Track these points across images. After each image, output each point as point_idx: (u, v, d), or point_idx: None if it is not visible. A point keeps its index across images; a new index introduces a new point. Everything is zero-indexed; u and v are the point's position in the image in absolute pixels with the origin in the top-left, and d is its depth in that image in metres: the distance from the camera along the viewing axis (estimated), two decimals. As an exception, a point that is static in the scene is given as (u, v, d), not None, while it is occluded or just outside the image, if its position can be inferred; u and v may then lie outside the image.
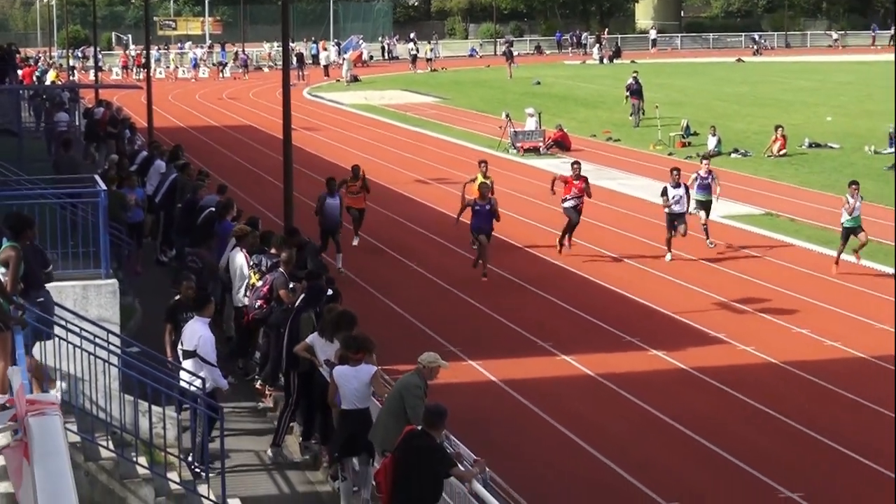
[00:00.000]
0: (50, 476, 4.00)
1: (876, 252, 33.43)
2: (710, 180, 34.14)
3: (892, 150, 50.56)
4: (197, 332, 18.97)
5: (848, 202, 31.05)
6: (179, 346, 19.38)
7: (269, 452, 20.09)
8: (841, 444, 20.12)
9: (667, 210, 32.61)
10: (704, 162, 35.38)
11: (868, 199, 40.82)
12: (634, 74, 65.84)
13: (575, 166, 34.14)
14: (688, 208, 32.84)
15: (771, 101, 73.71)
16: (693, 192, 33.48)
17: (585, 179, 33.38)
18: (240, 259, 23.80)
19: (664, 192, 32.67)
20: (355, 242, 33.40)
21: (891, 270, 29.75)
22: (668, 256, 32.82)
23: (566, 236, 33.70)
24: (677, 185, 32.59)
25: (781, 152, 51.64)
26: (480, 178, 33.62)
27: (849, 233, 31.28)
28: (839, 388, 22.93)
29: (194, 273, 24.03)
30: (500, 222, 31.84)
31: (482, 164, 35.26)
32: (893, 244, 30.12)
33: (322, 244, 30.75)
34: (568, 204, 33.22)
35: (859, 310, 28.01)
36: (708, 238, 33.62)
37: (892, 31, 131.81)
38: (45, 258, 17.67)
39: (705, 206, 34.05)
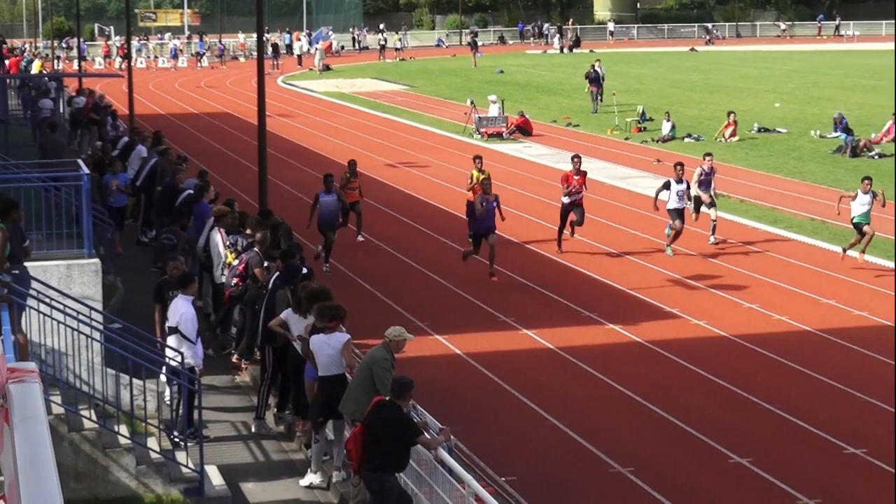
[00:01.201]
0: (29, 439, 4.02)
1: (821, 229, 33.66)
2: (712, 176, 32.39)
3: (837, 134, 50.77)
4: (180, 310, 19.03)
5: (859, 196, 29.17)
6: (167, 323, 19.43)
7: (253, 426, 20.13)
8: (787, 412, 20.21)
9: (668, 207, 30.65)
10: (707, 157, 32.90)
11: (814, 181, 41.16)
12: (595, 63, 65.89)
13: (575, 160, 31.52)
14: (691, 203, 31.69)
15: (722, 88, 73.87)
16: (694, 189, 31.73)
17: (585, 174, 31.31)
18: (217, 238, 23.84)
19: (666, 187, 30.75)
20: (360, 239, 32.42)
21: (827, 247, 29.91)
22: (669, 251, 31.03)
23: (570, 229, 31.32)
24: (680, 181, 30.76)
25: (733, 137, 51.81)
26: (476, 173, 31.91)
27: (860, 228, 29.18)
28: (786, 360, 23.04)
29: (170, 249, 24.17)
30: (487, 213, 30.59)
31: (477, 159, 32.73)
32: (893, 239, 29.45)
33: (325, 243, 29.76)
34: (565, 199, 30.97)
35: (805, 286, 28.14)
36: (713, 239, 32.17)
37: (837, 22, 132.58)
38: (22, 234, 17.70)
39: (710, 202, 32.16)
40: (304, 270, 20.96)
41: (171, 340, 18.95)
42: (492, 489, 15.50)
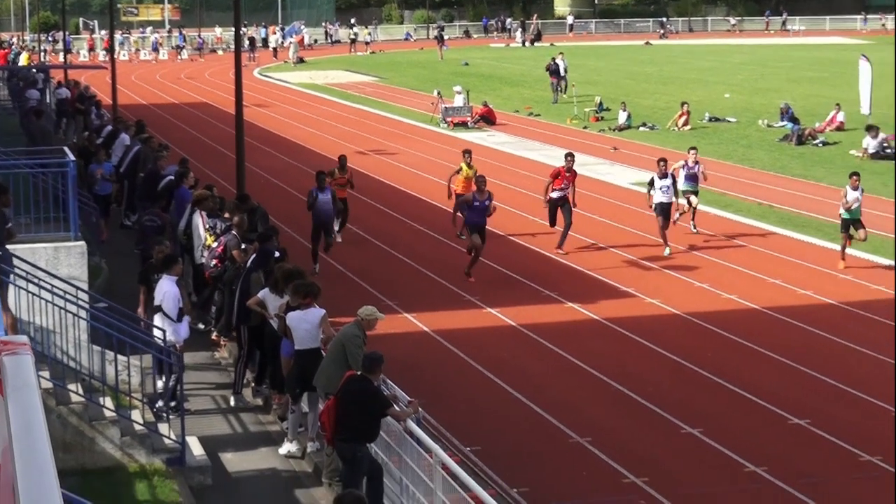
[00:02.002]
0: (22, 408, 4.04)
1: (768, 214, 33.81)
2: (697, 170, 31.02)
3: (784, 123, 50.94)
4: (163, 289, 19.05)
5: (848, 194, 27.84)
6: (154, 303, 19.46)
7: (232, 400, 20.17)
8: (736, 385, 20.33)
9: (652, 202, 29.49)
10: (692, 151, 31.57)
11: (761, 168, 41.31)
12: (558, 56, 65.94)
13: (569, 158, 30.05)
14: (677, 198, 30.22)
15: (675, 79, 73.99)
16: (681, 183, 30.56)
17: (575, 173, 29.77)
18: (199, 221, 23.85)
19: (651, 183, 29.62)
20: (338, 239, 30.18)
21: (773, 229, 29.97)
22: (667, 251, 29.32)
23: (558, 228, 29.77)
24: (664, 176, 29.35)
25: (685, 126, 51.95)
26: (465, 168, 31.03)
27: (848, 224, 27.93)
28: (735, 336, 23.17)
29: (153, 231, 24.22)
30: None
31: (466, 153, 31.81)
32: (894, 237, 28.66)
33: (314, 241, 27.99)
34: (554, 195, 29.41)
35: (753, 266, 28.26)
36: (693, 222, 31.43)
37: (783, 18, 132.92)
38: (4, 217, 17.70)
39: (694, 195, 31.17)
40: (277, 254, 21.00)
41: (157, 319, 18.99)
42: (458, 458, 15.56)
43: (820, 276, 27.53)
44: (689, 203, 31.10)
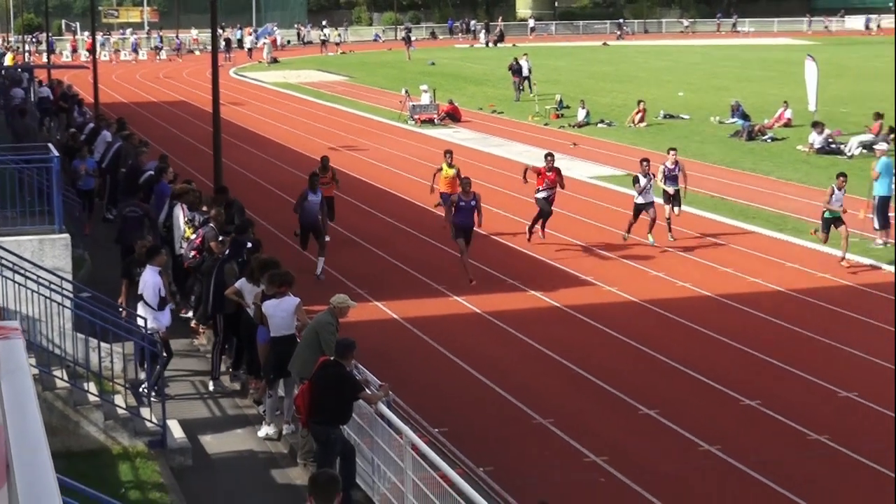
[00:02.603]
0: (15, 389, 4.06)
1: (720, 206, 33.91)
2: (677, 171, 29.85)
3: (734, 120, 51.11)
4: (145, 279, 19.03)
5: (834, 194, 27.11)
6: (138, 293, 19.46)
7: (210, 385, 20.15)
8: (690, 369, 20.41)
9: (636, 200, 28.96)
10: (672, 153, 30.35)
11: (712, 162, 41.43)
12: (523, 56, 65.97)
13: (548, 158, 29.53)
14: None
15: (632, 78, 74.10)
16: (660, 184, 29.73)
17: (558, 171, 29.25)
18: (179, 213, 23.84)
19: (636, 181, 28.94)
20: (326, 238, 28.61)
21: (723, 220, 30.06)
22: (625, 237, 29.42)
23: (536, 225, 29.49)
24: (646, 176, 28.72)
25: (641, 123, 52.07)
26: (446, 168, 30.19)
27: (829, 223, 27.25)
28: (689, 322, 23.26)
29: (134, 221, 24.26)
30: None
31: (447, 154, 30.92)
32: (894, 241, 28.03)
33: (302, 242, 27.46)
34: (540, 195, 28.96)
35: (705, 255, 28.37)
36: (670, 231, 29.82)
37: (734, 20, 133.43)
38: None
39: (675, 197, 29.98)
40: (249, 244, 20.99)
41: (139, 307, 18.99)
42: (426, 439, 15.56)
43: (768, 264, 27.64)
44: (677, 206, 30.02)
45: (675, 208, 30.01)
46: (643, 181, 28.73)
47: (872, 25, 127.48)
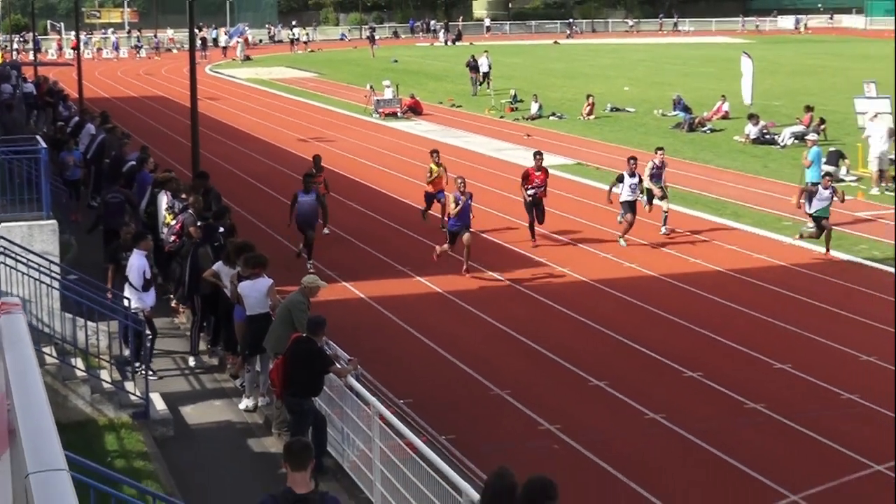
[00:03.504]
0: (17, 359, 4.06)
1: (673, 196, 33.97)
2: (663, 170, 28.84)
3: (676, 112, 51.30)
4: (131, 262, 19.04)
5: (820, 192, 26.28)
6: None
7: (190, 361, 20.11)
8: (636, 343, 20.49)
9: (622, 199, 27.34)
10: (659, 152, 29.25)
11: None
12: (481, 54, 65.87)
13: (537, 157, 28.25)
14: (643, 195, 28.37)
15: (581, 74, 74.25)
16: (646, 182, 28.43)
17: (546, 171, 28.02)
18: (164, 200, 23.81)
19: (620, 180, 27.42)
20: (325, 231, 28.52)
21: (664, 205, 30.12)
22: (622, 242, 27.69)
23: (534, 226, 27.93)
24: (633, 174, 27.30)
25: (591, 115, 52.16)
26: (434, 168, 28.73)
27: (819, 221, 26.49)
28: (635, 300, 23.33)
29: (116, 206, 24.17)
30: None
31: (434, 153, 29.25)
32: (894, 242, 26.85)
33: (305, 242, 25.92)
34: (529, 193, 27.66)
35: (649, 238, 28.44)
36: (664, 229, 28.99)
37: (675, 20, 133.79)
38: None
39: (663, 198, 28.80)
40: (221, 229, 20.97)
41: (126, 289, 18.98)
42: (393, 409, 15.58)
43: (708, 246, 27.79)
44: (650, 203, 28.88)
45: (665, 203, 28.78)
46: (628, 180, 27.27)
47: (801, 26, 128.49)
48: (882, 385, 18.26)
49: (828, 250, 26.67)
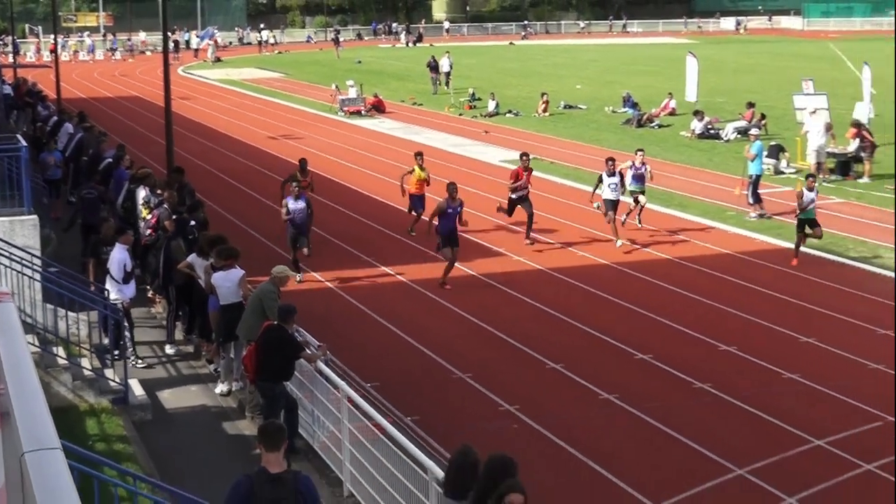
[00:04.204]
0: (9, 346, 4.06)
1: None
2: (643, 170, 27.67)
3: (626, 109, 51.47)
4: (113, 256, 19.01)
5: (804, 195, 24.82)
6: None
7: (167, 348, 20.06)
8: (590, 327, 20.58)
9: (603, 198, 26.52)
10: (639, 153, 28.17)
11: (608, 147, 41.65)
12: (443, 55, 65.87)
13: (524, 158, 27.51)
14: (624, 193, 27.36)
15: (535, 73, 74.37)
16: (628, 183, 27.56)
17: (531, 171, 27.45)
18: (142, 194, 23.73)
19: (599, 180, 26.77)
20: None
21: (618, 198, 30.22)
22: (619, 243, 26.59)
23: (531, 228, 27.19)
24: (612, 174, 26.44)
25: (545, 112, 52.26)
26: (417, 171, 27.84)
27: (804, 224, 24.98)
28: (589, 287, 23.42)
29: (91, 201, 24.08)
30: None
31: (418, 156, 28.39)
32: (894, 248, 25.68)
33: (293, 249, 23.86)
34: (513, 195, 27.15)
35: (602, 229, 28.48)
36: (639, 218, 28.68)
37: (624, 21, 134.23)
38: None
39: (641, 194, 28.03)
40: (193, 223, 20.93)
41: (107, 281, 18.94)
42: (361, 392, 15.62)
43: (659, 237, 27.91)
44: (637, 202, 28.26)
45: (641, 197, 28.06)
46: (608, 180, 26.47)
47: (742, 27, 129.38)
48: (821, 365, 18.46)
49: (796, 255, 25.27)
